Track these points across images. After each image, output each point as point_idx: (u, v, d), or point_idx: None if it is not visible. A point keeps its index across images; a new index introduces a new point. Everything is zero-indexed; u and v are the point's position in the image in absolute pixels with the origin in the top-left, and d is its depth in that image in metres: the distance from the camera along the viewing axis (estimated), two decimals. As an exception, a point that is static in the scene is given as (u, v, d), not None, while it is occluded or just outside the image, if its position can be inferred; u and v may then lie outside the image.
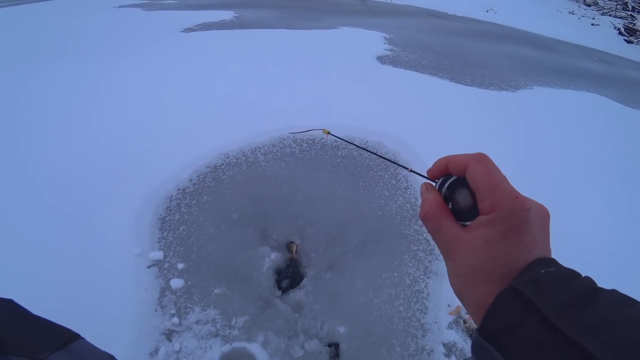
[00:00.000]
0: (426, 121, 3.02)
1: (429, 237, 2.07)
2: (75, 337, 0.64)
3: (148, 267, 1.76)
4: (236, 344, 1.54)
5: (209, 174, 2.20)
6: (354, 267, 1.86)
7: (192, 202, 2.05)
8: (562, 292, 0.32)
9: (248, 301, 1.68)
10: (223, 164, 2.27)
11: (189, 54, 4.00)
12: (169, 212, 2.00)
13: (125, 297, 1.63)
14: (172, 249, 1.84)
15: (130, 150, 2.31)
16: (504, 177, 0.39)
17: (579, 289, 0.32)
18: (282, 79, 3.38)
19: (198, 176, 2.18)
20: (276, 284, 1.80)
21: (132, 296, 1.64)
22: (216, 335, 1.57)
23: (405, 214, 2.19)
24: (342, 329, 1.64)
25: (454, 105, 3.41)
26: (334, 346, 1.63)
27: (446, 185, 0.44)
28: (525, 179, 2.59)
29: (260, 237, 1.94)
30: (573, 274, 0.35)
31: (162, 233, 1.91)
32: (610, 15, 11.23)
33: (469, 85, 4.10)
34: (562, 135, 3.21)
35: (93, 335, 1.47)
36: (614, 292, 0.33)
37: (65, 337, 0.62)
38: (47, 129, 2.45)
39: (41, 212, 1.91)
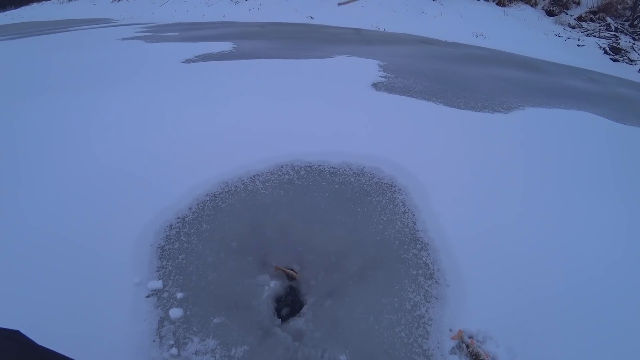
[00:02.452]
0: (422, 145, 3.07)
1: (429, 260, 2.07)
2: None
3: (147, 297, 1.75)
4: (236, 376, 1.51)
5: (209, 202, 2.23)
6: (354, 293, 1.85)
7: (192, 231, 2.06)
8: None
9: (248, 330, 1.67)
10: (222, 192, 2.30)
11: (189, 84, 4.10)
12: (169, 240, 2.01)
13: (123, 328, 1.61)
14: (172, 278, 1.84)
15: (130, 178, 2.34)
16: None
17: None
18: (279, 107, 3.46)
19: (197, 204, 2.21)
20: (276, 312, 1.79)
21: (130, 327, 1.62)
22: (216, 366, 1.54)
23: (404, 238, 2.20)
24: (343, 358, 1.62)
25: (448, 129, 3.47)
26: (336, 376, 1.60)
27: None
28: (523, 197, 2.62)
29: (259, 264, 1.94)
30: None
31: (162, 262, 1.91)
32: (594, 36, 11.60)
33: (463, 109, 4.19)
34: (557, 152, 3.25)
35: (91, 368, 1.45)
36: None
37: None
38: (45, 157, 2.49)
39: (37, 238, 1.92)
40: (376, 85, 4.61)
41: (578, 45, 10.92)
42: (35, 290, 1.71)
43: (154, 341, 1.59)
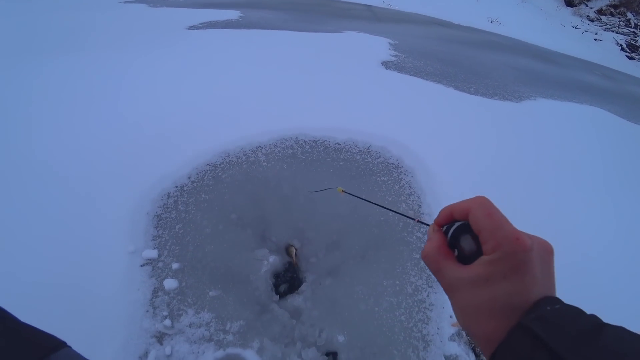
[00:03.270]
0: (430, 128, 2.97)
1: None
2: (60, 345, 0.56)
3: (141, 266, 1.69)
4: (230, 350, 1.47)
5: (209, 172, 2.14)
6: (355, 273, 1.80)
7: (190, 200, 1.98)
8: (569, 328, 0.34)
9: (244, 305, 1.62)
10: (223, 162, 2.21)
11: (192, 52, 3.95)
12: (166, 209, 1.94)
13: (115, 296, 1.56)
14: (167, 247, 1.78)
15: (128, 146, 2.25)
16: (505, 219, 0.41)
17: (585, 325, 0.34)
18: (286, 79, 3.33)
19: (197, 174, 2.12)
20: (274, 289, 1.74)
21: (123, 295, 1.57)
22: (210, 339, 1.50)
23: (408, 220, 2.13)
24: (341, 338, 1.58)
25: (458, 114, 3.37)
26: (332, 355, 1.56)
27: (451, 231, 0.47)
28: (530, 188, 2.55)
29: (258, 239, 1.88)
30: (578, 311, 0.37)
31: (158, 231, 1.84)
32: (612, 32, 11.29)
33: (473, 94, 4.07)
34: (567, 147, 3.17)
35: (81, 335, 1.41)
36: (618, 328, 0.34)
37: (47, 346, 0.54)
38: (44, 122, 2.38)
39: (31, 203, 1.85)
40: (386, 64, 4.46)
41: (595, 40, 10.64)
42: (25, 254, 1.65)
43: (147, 311, 1.54)
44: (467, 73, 4.85)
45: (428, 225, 0.52)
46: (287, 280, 1.80)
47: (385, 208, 0.65)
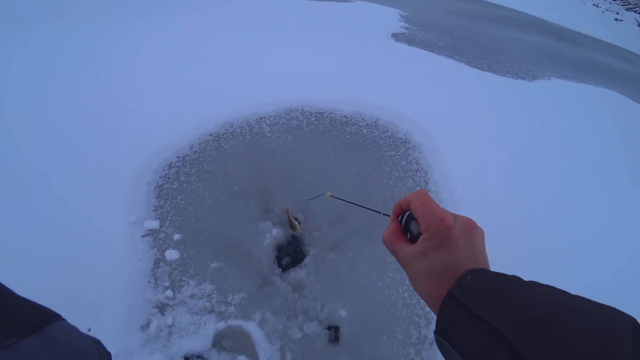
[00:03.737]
0: (440, 104, 2.88)
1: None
2: (54, 318, 0.51)
3: (143, 236, 1.66)
4: (232, 322, 1.45)
5: (211, 142, 2.08)
6: (358, 248, 1.77)
7: (192, 171, 1.94)
8: (479, 289, 0.44)
9: (246, 277, 1.60)
10: (226, 132, 2.15)
11: (195, 20, 3.81)
12: (167, 180, 1.90)
13: (117, 267, 1.54)
14: (169, 218, 1.74)
15: (130, 115, 2.18)
16: (435, 205, 0.51)
17: (493, 284, 0.44)
18: (292, 50, 3.21)
19: (199, 144, 2.06)
20: (276, 261, 1.71)
21: (124, 266, 1.55)
22: (211, 311, 1.48)
23: (415, 197, 2.08)
24: (343, 312, 1.56)
25: (469, 90, 3.26)
26: (334, 329, 1.55)
27: (403, 219, 0.59)
28: (537, 170, 2.48)
29: (262, 211, 1.84)
30: (492, 275, 0.46)
31: (159, 201, 1.81)
32: (635, 12, 10.80)
33: (486, 71, 3.94)
34: (579, 129, 3.08)
35: (83, 304, 1.39)
36: (520, 282, 0.44)
37: (40, 319, 0.49)
38: (45, 91, 2.31)
39: (30, 172, 1.81)
40: (396, 36, 4.30)
41: (615, 20, 10.20)
42: (26, 224, 1.62)
43: (149, 282, 1.52)
44: (479, 49, 4.67)
45: (388, 215, 0.64)
46: (290, 253, 1.78)
47: (366, 208, 0.73)
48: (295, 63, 2.96)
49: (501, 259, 1.90)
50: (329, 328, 1.54)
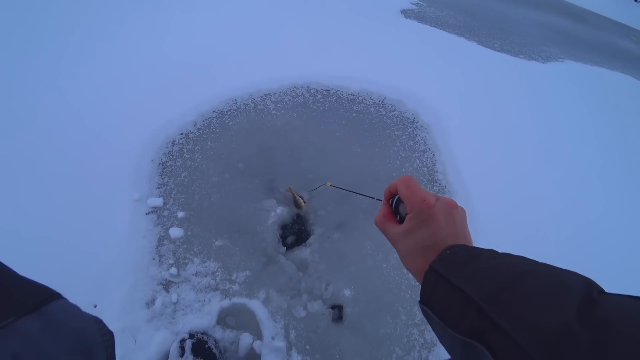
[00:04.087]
0: (449, 83, 2.79)
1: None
2: (53, 296, 0.49)
3: (146, 214, 1.65)
4: (236, 300, 1.45)
5: (215, 119, 2.04)
6: (364, 228, 1.75)
7: (196, 148, 1.90)
8: (455, 260, 0.50)
9: (250, 256, 1.59)
10: (230, 109, 2.10)
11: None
12: (171, 157, 1.87)
13: (121, 244, 1.53)
14: (173, 196, 1.72)
15: (129, 92, 2.13)
16: (419, 188, 0.58)
17: (467, 255, 0.49)
18: (297, 25, 3.11)
19: (203, 121, 2.02)
20: (281, 240, 1.70)
21: (128, 243, 1.54)
22: (216, 289, 1.48)
23: (422, 178, 2.05)
24: (347, 292, 1.56)
25: (479, 70, 3.16)
26: (338, 309, 1.55)
27: (393, 202, 0.66)
28: (547, 152, 2.43)
29: (266, 189, 1.81)
30: (467, 249, 0.52)
31: (163, 179, 1.78)
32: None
33: (498, 51, 3.82)
34: (591, 114, 2.99)
35: (89, 282, 1.38)
36: (491, 253, 0.49)
37: (39, 297, 0.47)
38: (43, 66, 2.26)
39: (33, 150, 1.78)
40: (406, 13, 4.16)
41: (636, 1, 9.82)
42: (29, 201, 1.61)
43: (153, 259, 1.52)
44: (492, 27, 4.52)
45: (380, 200, 0.72)
46: (295, 232, 1.76)
47: (362, 195, 0.88)
48: (301, 39, 2.86)
49: (509, 239, 1.89)
50: (333, 307, 1.54)
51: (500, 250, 0.52)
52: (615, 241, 2.02)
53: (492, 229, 1.89)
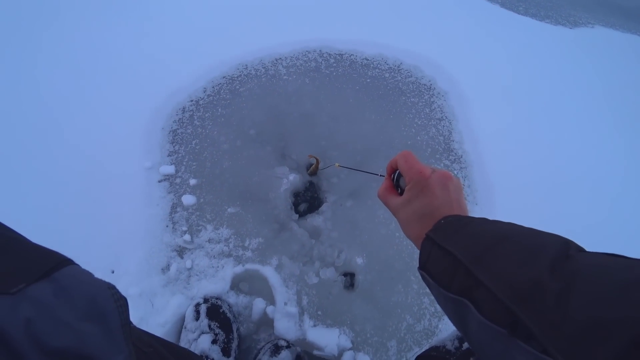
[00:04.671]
0: (469, 48, 2.65)
1: (460, 175, 1.90)
2: (65, 262, 0.48)
3: (159, 182, 1.65)
4: (249, 266, 1.47)
5: (225, 85, 1.99)
6: (377, 197, 1.72)
7: (206, 115, 1.87)
8: (448, 229, 0.55)
9: (263, 223, 1.59)
10: (240, 75, 2.04)
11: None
12: (181, 124, 1.84)
13: (135, 211, 1.55)
14: (184, 163, 1.72)
15: (140, 58, 2.08)
16: (416, 161, 0.65)
17: (459, 224, 0.55)
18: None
19: (213, 87, 1.98)
20: (293, 207, 1.69)
21: (143, 210, 1.55)
22: (229, 255, 1.49)
23: (437, 147, 1.99)
24: (359, 260, 1.56)
25: (503, 35, 2.98)
26: (350, 276, 1.56)
27: (394, 177, 0.73)
28: (569, 123, 2.32)
29: (278, 156, 1.78)
30: (460, 218, 0.57)
31: (174, 146, 1.77)
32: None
33: (522, 15, 3.58)
34: (621, 84, 2.82)
35: (105, 248, 1.41)
36: (481, 220, 0.54)
37: (50, 263, 0.45)
38: (55, 37, 2.20)
39: (44, 121, 1.77)
40: (423, -29, 3.92)
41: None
42: (43, 171, 1.62)
43: (167, 226, 1.53)
44: (516, -13, 4.25)
45: (383, 175, 0.78)
46: (307, 199, 1.75)
47: (367, 172, 0.97)
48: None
49: (525, 211, 1.85)
50: (345, 275, 1.55)
51: (510, 220, 0.54)
52: None
53: (508, 200, 1.85)
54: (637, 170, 2.20)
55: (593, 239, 1.74)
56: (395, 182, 0.72)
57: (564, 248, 0.42)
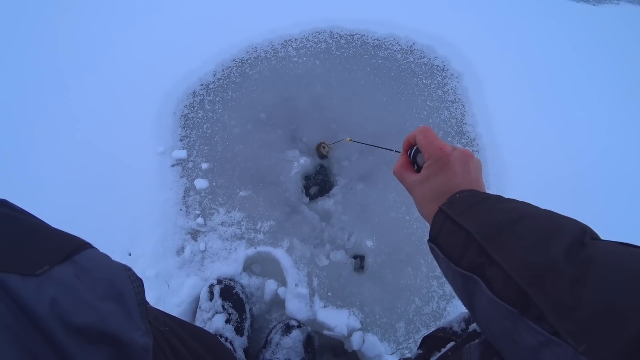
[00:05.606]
0: (485, 28, 2.56)
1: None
2: (84, 245, 0.51)
3: (172, 166, 1.68)
4: (261, 248, 1.50)
5: (235, 68, 1.98)
6: (388, 180, 1.72)
7: (217, 99, 1.87)
8: (462, 204, 0.54)
9: (274, 206, 1.61)
10: (250, 57, 2.02)
11: None
12: (192, 109, 1.85)
13: (150, 195, 1.58)
14: (196, 148, 1.73)
15: (149, 42, 2.07)
16: (436, 137, 0.62)
17: (473, 200, 0.54)
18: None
19: (223, 70, 1.97)
20: (304, 190, 1.70)
21: (157, 194, 1.59)
22: (241, 238, 1.52)
23: (449, 129, 1.96)
24: (369, 243, 1.57)
25: (522, 12, 2.86)
26: (360, 258, 1.58)
27: (411, 153, 0.70)
28: (585, 108, 2.24)
29: (289, 139, 1.79)
30: (476, 193, 0.56)
31: (185, 131, 1.78)
32: None
33: (543, -9, 3.43)
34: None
35: (122, 232, 1.45)
36: (498, 197, 0.54)
37: (71, 247, 0.49)
38: (56, 24, 2.21)
39: (59, 108, 1.80)
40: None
41: None
42: (58, 158, 1.66)
43: (181, 210, 1.56)
44: (536, -41, 4.05)
45: (398, 152, 0.76)
46: (318, 182, 1.76)
47: (381, 147, 0.99)
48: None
49: (538, 195, 1.82)
50: (355, 257, 1.57)
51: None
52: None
53: (521, 184, 1.82)
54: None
55: (607, 227, 1.72)
56: (412, 158, 0.70)
57: (580, 234, 0.42)
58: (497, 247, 0.44)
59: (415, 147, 0.68)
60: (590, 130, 2.15)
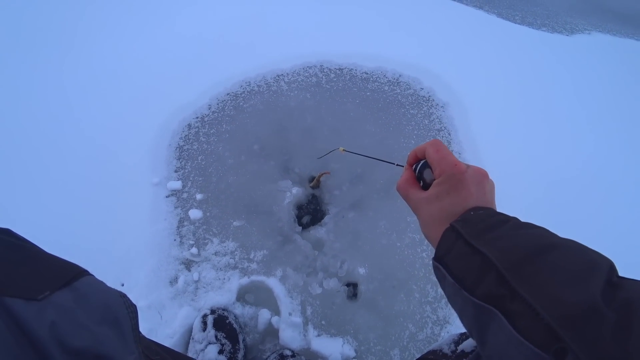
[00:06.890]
0: (467, 59, 2.71)
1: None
2: (83, 273, 0.54)
3: (166, 197, 1.71)
4: (254, 277, 1.51)
5: (229, 101, 2.06)
6: (378, 207, 1.76)
7: (211, 131, 1.93)
8: (479, 224, 0.47)
9: (267, 235, 1.63)
10: (244, 91, 2.11)
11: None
12: (187, 141, 1.91)
13: (144, 226, 1.60)
14: (191, 179, 1.77)
15: (144, 75, 2.15)
16: (449, 153, 0.55)
17: (491, 221, 0.47)
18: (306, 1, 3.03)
19: (217, 103, 2.04)
20: (297, 220, 1.74)
21: (150, 225, 1.61)
22: (235, 267, 1.54)
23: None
24: (361, 270, 1.60)
25: (500, 45, 3.04)
26: (353, 286, 1.59)
27: (417, 168, 0.62)
28: (570, 131, 2.35)
29: (281, 170, 1.84)
30: (493, 213, 0.50)
31: (180, 162, 1.83)
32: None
33: (519, 24, 3.63)
34: (619, 90, 2.84)
35: (115, 262, 1.46)
36: (517, 221, 0.48)
37: (70, 274, 0.52)
38: (54, 48, 2.30)
39: (56, 135, 1.85)
40: (420, -16, 4.00)
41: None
42: (52, 188, 1.68)
43: (175, 240, 1.58)
44: (513, -3, 4.31)
45: (402, 166, 0.71)
46: (310, 212, 1.79)
47: (380, 160, 0.90)
48: (311, 14, 2.80)
49: (529, 220, 1.88)
50: (348, 285, 1.59)
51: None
52: None
53: (509, 209, 1.87)
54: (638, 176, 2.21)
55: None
56: (418, 173, 0.62)
57: (610, 271, 0.39)
58: (523, 279, 0.39)
59: (422, 162, 0.61)
60: (576, 153, 2.23)
